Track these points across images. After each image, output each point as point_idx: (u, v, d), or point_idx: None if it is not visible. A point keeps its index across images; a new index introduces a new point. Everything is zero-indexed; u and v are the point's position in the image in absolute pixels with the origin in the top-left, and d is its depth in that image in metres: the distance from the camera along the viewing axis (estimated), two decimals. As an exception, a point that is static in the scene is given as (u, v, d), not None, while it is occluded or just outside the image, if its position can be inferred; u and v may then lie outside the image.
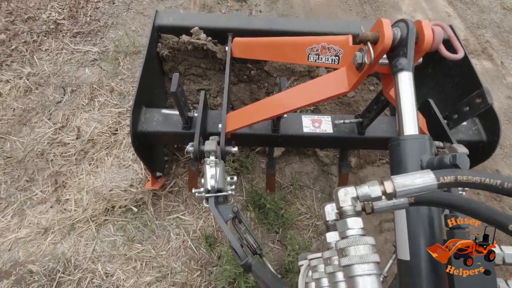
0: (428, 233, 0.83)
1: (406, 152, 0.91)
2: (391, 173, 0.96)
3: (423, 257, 0.81)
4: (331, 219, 1.00)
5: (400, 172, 0.90)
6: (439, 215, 0.88)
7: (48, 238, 2.18)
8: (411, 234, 0.84)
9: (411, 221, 0.86)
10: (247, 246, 1.45)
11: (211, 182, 1.45)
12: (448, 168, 0.83)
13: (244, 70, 2.60)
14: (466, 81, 2.13)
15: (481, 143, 1.95)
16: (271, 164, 2.24)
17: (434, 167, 0.87)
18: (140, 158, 1.91)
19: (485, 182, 0.61)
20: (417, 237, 0.83)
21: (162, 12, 2.31)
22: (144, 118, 1.91)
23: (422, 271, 0.80)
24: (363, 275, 0.66)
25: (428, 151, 0.91)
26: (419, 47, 0.99)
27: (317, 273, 0.98)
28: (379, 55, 1.01)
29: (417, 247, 0.82)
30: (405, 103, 0.95)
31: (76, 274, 2.07)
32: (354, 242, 0.69)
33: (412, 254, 0.83)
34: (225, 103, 1.84)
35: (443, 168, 0.84)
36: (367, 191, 0.70)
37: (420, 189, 0.65)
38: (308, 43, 1.40)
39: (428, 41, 0.97)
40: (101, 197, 2.28)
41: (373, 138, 1.96)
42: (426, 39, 0.97)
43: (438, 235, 0.84)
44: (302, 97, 1.41)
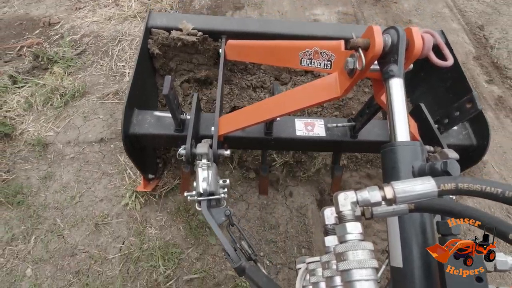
0: (420, 240, 0.83)
1: (398, 158, 0.91)
2: (384, 179, 0.96)
3: (416, 263, 0.81)
4: (330, 223, 1.00)
5: (392, 178, 0.90)
6: (432, 221, 0.88)
7: (111, 22, 3.44)
8: (404, 241, 0.84)
9: (404, 228, 0.86)
10: (241, 251, 1.44)
11: (203, 185, 1.43)
12: (440, 175, 0.83)
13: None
14: (458, 85, 2.16)
15: (471, 147, 1.98)
16: (264, 167, 2.24)
17: (426, 173, 0.87)
18: (131, 160, 1.89)
19: (486, 190, 0.60)
20: (410, 244, 0.83)
21: (155, 13, 2.30)
22: (136, 120, 1.89)
23: (416, 278, 0.80)
24: (361, 280, 0.66)
25: (419, 157, 0.91)
26: (410, 54, 0.99)
27: (314, 277, 0.98)
28: (370, 62, 1.01)
29: (410, 254, 0.82)
30: (396, 110, 0.95)
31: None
32: (353, 247, 0.69)
33: (405, 261, 0.83)
34: (218, 106, 1.83)
35: (434, 174, 0.84)
36: (367, 196, 0.70)
37: (420, 196, 0.65)
38: (301, 48, 1.40)
39: (418, 48, 0.98)
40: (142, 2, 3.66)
41: (366, 141, 1.97)
42: (416, 46, 0.97)
43: (431, 242, 0.84)
44: (294, 102, 1.41)
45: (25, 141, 2.51)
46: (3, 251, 2.08)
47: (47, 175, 2.38)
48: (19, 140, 2.52)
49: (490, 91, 3.37)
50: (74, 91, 2.77)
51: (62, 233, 2.17)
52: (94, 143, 2.56)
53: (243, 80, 2.66)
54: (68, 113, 2.69)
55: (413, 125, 1.67)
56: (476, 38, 3.95)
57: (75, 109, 2.72)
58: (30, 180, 2.36)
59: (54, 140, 2.54)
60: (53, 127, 2.60)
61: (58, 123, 2.63)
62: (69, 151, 2.51)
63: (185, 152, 1.58)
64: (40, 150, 2.49)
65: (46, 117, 2.64)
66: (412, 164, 0.90)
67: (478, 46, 3.86)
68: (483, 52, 3.79)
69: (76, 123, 2.65)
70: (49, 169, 2.42)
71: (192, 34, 2.20)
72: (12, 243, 2.11)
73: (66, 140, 2.55)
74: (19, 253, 2.08)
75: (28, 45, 3.13)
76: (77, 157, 2.49)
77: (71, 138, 2.56)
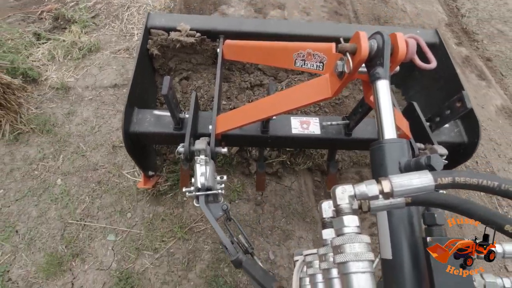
0: (408, 232, 0.86)
1: (385, 155, 0.95)
2: (372, 175, 1.00)
3: (404, 255, 0.83)
4: (327, 216, 1.01)
5: (380, 174, 0.94)
6: (418, 213, 0.91)
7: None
8: (393, 233, 0.86)
9: (392, 221, 0.88)
10: (238, 244, 1.49)
11: (201, 180, 1.48)
12: (424, 169, 0.87)
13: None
14: (450, 84, 2.20)
15: (462, 144, 2.03)
16: (261, 164, 2.29)
17: (411, 168, 0.91)
18: (132, 158, 1.94)
19: (482, 184, 0.62)
20: (398, 236, 0.85)
21: (154, 14, 2.34)
22: (136, 119, 1.94)
23: (404, 268, 0.82)
24: (358, 272, 0.67)
25: (406, 154, 0.95)
26: (394, 58, 1.04)
27: (311, 269, 1.00)
28: (357, 65, 1.06)
29: (399, 246, 0.85)
30: (383, 110, 0.99)
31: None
32: (350, 240, 0.70)
33: (394, 253, 0.85)
34: (215, 105, 1.87)
35: (419, 169, 0.88)
36: (364, 190, 0.71)
37: (418, 190, 0.65)
38: (294, 49, 1.44)
39: (402, 53, 1.02)
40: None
41: (360, 139, 2.02)
42: (400, 51, 1.02)
43: (418, 233, 0.87)
44: (288, 101, 1.46)
45: (49, 86, 2.97)
46: (37, 166, 2.54)
47: (70, 111, 2.84)
48: (44, 85, 2.98)
49: (459, 52, 3.94)
50: (90, 46, 3.24)
51: (85, 154, 2.62)
52: (109, 88, 3.04)
53: (243, 81, 2.71)
54: (86, 64, 3.17)
55: (405, 124, 1.71)
56: (449, 8, 4.46)
57: (91, 61, 3.20)
58: (56, 115, 2.81)
59: (75, 85, 3.02)
60: (73, 75, 3.08)
61: (77, 72, 3.11)
62: (87, 94, 2.97)
63: (183, 150, 1.63)
64: (63, 93, 2.95)
65: (67, 67, 3.13)
66: (399, 161, 0.95)
67: (451, 15, 4.35)
68: (455, 20, 4.29)
69: (92, 72, 3.13)
70: (71, 107, 2.87)
71: (190, 35, 2.24)
72: (44, 161, 2.57)
73: (85, 85, 3.03)
74: (50, 168, 2.54)
75: (47, 10, 3.59)
76: (94, 99, 2.95)
77: (89, 84, 3.04)
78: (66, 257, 2.15)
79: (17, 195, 2.37)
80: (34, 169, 2.51)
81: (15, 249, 2.16)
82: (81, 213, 2.34)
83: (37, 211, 2.32)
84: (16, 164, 2.52)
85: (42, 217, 2.30)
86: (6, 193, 2.38)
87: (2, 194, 2.37)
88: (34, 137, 2.66)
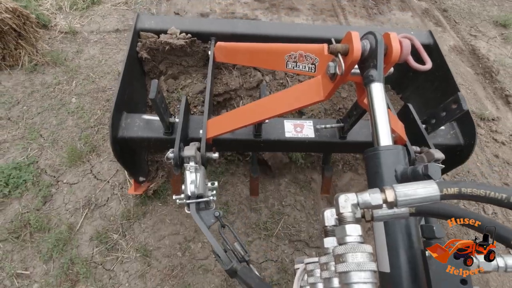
0: (406, 244, 0.83)
1: (381, 163, 0.91)
2: (368, 183, 0.96)
3: (403, 268, 0.81)
4: (330, 224, 0.98)
5: (375, 183, 0.90)
6: (417, 225, 0.88)
7: None
8: (390, 245, 0.84)
9: (390, 233, 0.85)
10: (233, 252, 1.43)
11: (191, 188, 1.43)
12: (421, 179, 0.83)
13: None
14: (445, 85, 2.17)
15: (458, 146, 1.99)
16: (255, 168, 2.24)
17: (408, 177, 0.87)
18: (121, 164, 1.89)
19: (490, 195, 0.59)
20: (396, 249, 0.83)
21: (143, 15, 2.28)
22: (125, 124, 1.88)
23: (403, 282, 0.80)
24: (359, 283, 0.65)
25: (402, 161, 0.91)
26: (388, 59, 1.00)
27: (312, 278, 0.97)
28: (349, 67, 1.02)
29: (397, 259, 0.82)
30: (378, 114, 0.95)
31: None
32: (352, 249, 0.68)
33: (392, 266, 0.83)
34: (206, 109, 1.82)
35: (416, 178, 0.84)
36: (367, 199, 0.69)
37: (422, 200, 0.63)
38: (286, 51, 1.40)
39: (396, 53, 0.98)
40: None
41: (354, 142, 1.98)
42: (394, 51, 0.98)
43: (416, 245, 0.84)
44: (281, 105, 1.41)
45: (59, 30, 3.45)
46: (54, 89, 2.99)
47: (78, 50, 3.32)
48: (54, 30, 3.45)
49: (419, 5, 4.83)
50: (93, -1, 3.75)
51: (94, 80, 3.09)
52: (111, 32, 3.56)
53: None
54: (90, 14, 3.70)
55: (401, 126, 1.67)
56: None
57: (95, 11, 3.74)
58: (66, 53, 3.27)
59: (81, 30, 3.51)
60: (79, 22, 3.59)
61: (83, 20, 3.63)
62: (93, 37, 3.46)
63: (173, 155, 1.58)
64: (71, 36, 3.42)
65: (73, 15, 3.64)
66: (395, 168, 0.90)
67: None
68: (413, -24, 4.95)
69: (96, 20, 3.65)
70: (79, 47, 3.34)
71: (180, 38, 2.19)
72: (59, 85, 3.02)
73: (90, 30, 3.53)
74: (65, 90, 3.00)
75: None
76: (99, 41, 3.43)
77: (94, 29, 3.55)
78: (84, 152, 2.61)
79: (38, 109, 2.83)
80: (51, 91, 2.96)
81: (41, 147, 2.62)
82: (95, 121, 2.81)
83: (57, 120, 2.78)
84: (36, 87, 2.97)
85: (62, 125, 2.76)
86: (29, 109, 2.83)
87: (26, 109, 2.82)
88: (49, 68, 3.12)
